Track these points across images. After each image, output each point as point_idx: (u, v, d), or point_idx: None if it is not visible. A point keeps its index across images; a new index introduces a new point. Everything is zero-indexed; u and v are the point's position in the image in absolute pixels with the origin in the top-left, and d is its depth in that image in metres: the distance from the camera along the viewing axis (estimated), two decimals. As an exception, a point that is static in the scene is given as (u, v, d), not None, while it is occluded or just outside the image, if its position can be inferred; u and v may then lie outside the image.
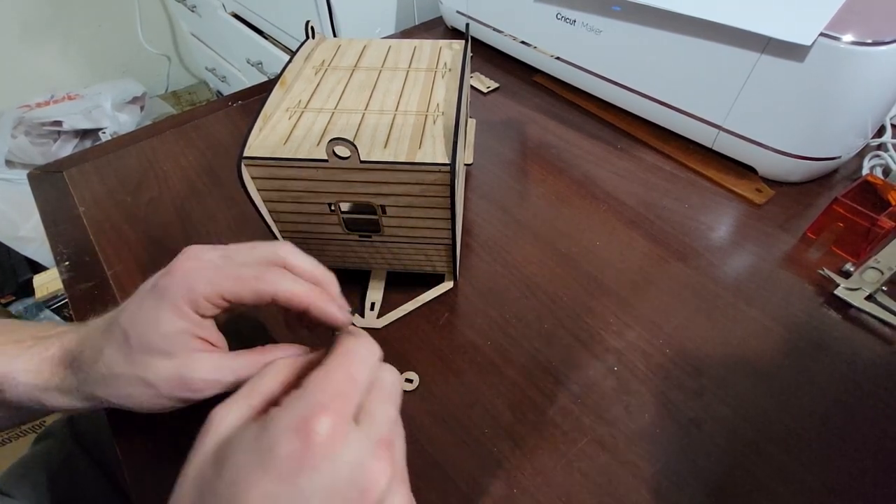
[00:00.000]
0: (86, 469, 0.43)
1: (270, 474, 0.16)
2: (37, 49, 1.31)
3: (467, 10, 0.59)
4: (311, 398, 0.18)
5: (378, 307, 0.36)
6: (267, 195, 0.31)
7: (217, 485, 0.17)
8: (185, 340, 0.23)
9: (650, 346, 0.33)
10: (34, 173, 0.48)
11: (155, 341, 0.23)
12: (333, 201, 0.31)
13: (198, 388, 0.23)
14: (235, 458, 0.17)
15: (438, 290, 0.37)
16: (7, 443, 0.88)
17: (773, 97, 0.39)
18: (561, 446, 0.29)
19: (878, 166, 0.44)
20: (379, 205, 0.31)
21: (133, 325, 0.23)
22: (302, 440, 0.16)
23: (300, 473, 0.16)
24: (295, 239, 0.34)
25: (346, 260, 0.36)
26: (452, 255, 0.34)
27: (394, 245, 0.34)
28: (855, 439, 0.29)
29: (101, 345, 0.24)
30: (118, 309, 0.25)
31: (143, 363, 0.23)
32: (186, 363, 0.23)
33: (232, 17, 1.05)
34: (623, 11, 0.44)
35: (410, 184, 0.29)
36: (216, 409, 0.19)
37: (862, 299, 0.35)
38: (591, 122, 0.51)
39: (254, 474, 0.16)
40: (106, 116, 1.26)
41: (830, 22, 0.34)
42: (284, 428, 0.17)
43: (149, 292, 0.24)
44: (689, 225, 0.41)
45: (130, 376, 0.23)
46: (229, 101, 0.55)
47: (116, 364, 0.23)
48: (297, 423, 0.17)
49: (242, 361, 0.24)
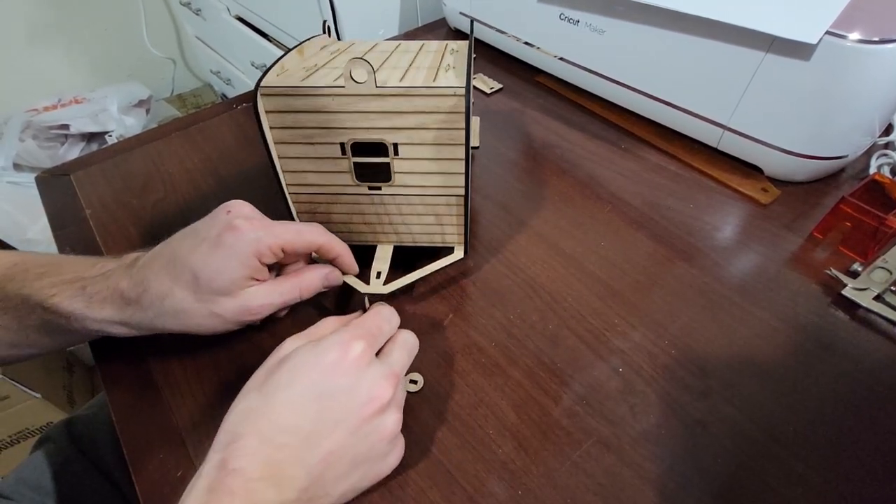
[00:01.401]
0: (84, 472, 0.43)
1: (317, 369, 0.24)
2: (44, 53, 1.33)
3: (470, 12, 0.59)
4: (352, 330, 0.26)
5: (384, 276, 0.35)
6: (279, 135, 0.31)
7: (280, 370, 0.25)
8: (245, 283, 0.29)
9: (655, 346, 0.33)
10: (42, 176, 0.48)
11: (223, 286, 0.28)
12: (346, 139, 0.31)
13: (256, 311, 0.30)
14: (296, 359, 0.25)
15: (448, 260, 0.35)
16: (7, 447, 0.89)
17: (779, 96, 0.39)
18: (566, 447, 0.29)
19: (885, 165, 0.44)
20: (392, 143, 0.31)
21: (204, 270, 0.28)
22: (342, 353, 0.25)
23: (336, 372, 0.24)
24: (302, 197, 0.34)
25: (351, 228, 0.36)
26: (465, 214, 0.34)
27: (404, 201, 0.34)
28: (863, 441, 0.29)
29: (169, 284, 0.28)
30: (169, 252, 0.29)
31: (211, 300, 0.29)
32: (246, 296, 0.29)
33: (236, 21, 1.06)
34: (627, 11, 0.44)
35: (426, 112, 0.29)
36: (286, 339, 0.27)
37: (870, 299, 0.35)
38: (594, 123, 0.51)
39: (306, 367, 0.24)
40: (112, 120, 1.27)
41: (836, 20, 0.34)
42: (332, 343, 0.25)
43: (217, 244, 0.28)
44: (695, 225, 0.41)
45: (202, 310, 0.29)
46: (234, 103, 0.55)
47: (186, 301, 0.28)
48: (340, 341, 0.25)
49: (286, 286, 0.31)
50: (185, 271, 0.28)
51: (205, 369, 0.33)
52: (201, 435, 0.30)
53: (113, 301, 0.29)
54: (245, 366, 0.33)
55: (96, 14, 1.37)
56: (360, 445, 0.25)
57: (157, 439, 0.30)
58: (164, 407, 0.32)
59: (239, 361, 0.33)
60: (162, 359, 0.34)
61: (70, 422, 0.46)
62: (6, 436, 0.88)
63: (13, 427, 0.88)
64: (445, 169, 0.32)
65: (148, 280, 0.29)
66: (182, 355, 0.34)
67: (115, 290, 0.29)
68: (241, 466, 0.22)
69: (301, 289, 0.32)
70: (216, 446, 0.23)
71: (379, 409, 0.25)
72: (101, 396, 0.50)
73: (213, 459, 0.22)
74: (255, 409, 0.24)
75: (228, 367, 0.33)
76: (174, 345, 0.34)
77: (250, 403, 0.24)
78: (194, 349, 0.34)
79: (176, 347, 0.34)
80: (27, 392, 0.85)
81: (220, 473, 0.22)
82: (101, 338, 0.32)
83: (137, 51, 1.47)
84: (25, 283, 0.30)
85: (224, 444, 0.23)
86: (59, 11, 1.30)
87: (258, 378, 0.25)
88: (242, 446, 0.22)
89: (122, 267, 0.30)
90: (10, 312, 0.30)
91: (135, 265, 0.30)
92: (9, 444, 0.89)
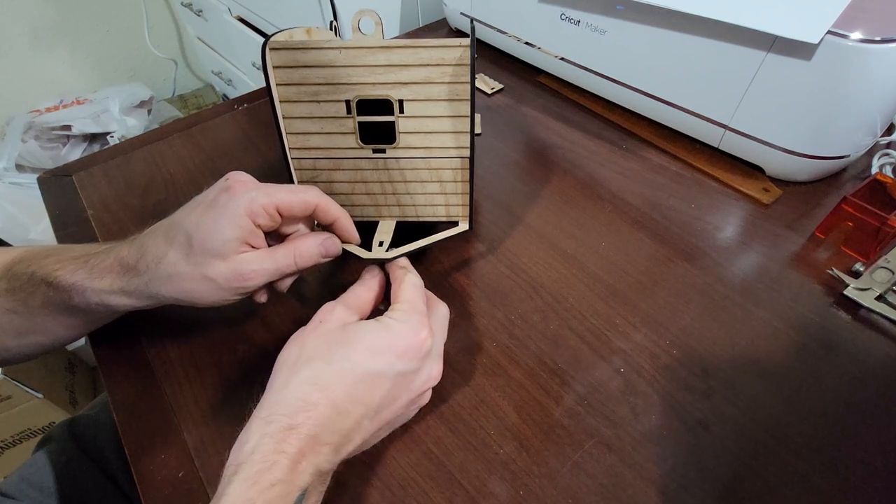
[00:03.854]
0: (87, 472, 0.43)
1: (393, 351, 0.26)
2: (46, 54, 1.33)
3: (471, 12, 0.59)
4: (422, 319, 0.28)
5: (387, 245, 0.34)
6: (285, 92, 0.32)
7: (351, 345, 0.26)
8: (237, 246, 0.28)
9: (657, 347, 0.33)
10: (44, 177, 0.48)
11: (216, 246, 0.28)
12: (352, 96, 0.31)
13: (249, 277, 0.29)
14: (371, 336, 0.26)
15: (453, 231, 0.35)
16: (10, 447, 0.89)
17: (781, 96, 0.38)
18: (567, 448, 0.29)
19: (887, 165, 0.44)
20: (398, 99, 0.31)
21: (196, 231, 0.28)
22: (416, 341, 0.27)
23: (408, 356, 0.26)
24: (305, 162, 0.34)
25: (354, 200, 0.35)
26: (470, 181, 0.33)
27: (408, 166, 0.33)
28: (865, 441, 0.29)
29: (164, 248, 0.28)
30: (170, 220, 0.29)
31: (203, 263, 0.28)
32: (237, 260, 0.28)
33: (238, 21, 1.06)
34: (628, 11, 0.44)
35: (431, 65, 0.30)
36: (325, 305, 0.28)
37: (872, 299, 0.35)
38: (595, 123, 0.51)
39: (381, 346, 0.26)
40: (114, 120, 1.27)
41: (838, 19, 0.34)
42: (408, 331, 0.27)
43: (211, 205, 0.28)
44: (696, 225, 0.41)
45: (194, 273, 0.28)
46: (235, 104, 0.55)
47: (179, 263, 0.28)
48: (415, 331, 0.27)
49: (280, 252, 0.30)
50: (179, 233, 0.28)
51: (207, 370, 0.33)
52: (203, 435, 0.30)
53: (112, 269, 0.29)
54: (246, 366, 0.33)
55: (98, 15, 1.37)
56: (405, 415, 0.29)
57: (158, 439, 0.30)
58: (166, 407, 0.32)
59: (240, 362, 0.34)
60: (164, 359, 0.34)
61: (72, 422, 0.46)
62: (8, 436, 0.88)
63: (16, 427, 0.88)
64: (450, 127, 0.32)
65: (146, 246, 0.29)
66: (184, 356, 0.34)
67: (116, 258, 0.29)
68: (315, 433, 0.23)
69: (296, 255, 0.30)
70: (279, 409, 0.23)
71: (429, 388, 0.29)
72: (103, 397, 0.50)
73: (280, 422, 0.23)
74: (327, 379, 0.25)
75: (230, 367, 0.33)
76: (176, 345, 0.34)
77: (319, 372, 0.25)
78: (196, 349, 0.34)
79: (178, 348, 0.34)
80: (29, 392, 0.85)
81: (290, 436, 0.23)
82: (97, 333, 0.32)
83: (139, 52, 1.47)
84: (32, 262, 0.30)
85: (294, 409, 0.23)
86: (62, 13, 1.31)
87: (317, 346, 0.26)
88: (317, 415, 0.24)
89: (126, 241, 0.30)
90: (17, 293, 0.30)
91: (138, 238, 0.30)
92: (11, 444, 0.89)
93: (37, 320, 0.31)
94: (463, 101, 0.31)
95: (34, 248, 0.32)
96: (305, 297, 0.37)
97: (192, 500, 0.28)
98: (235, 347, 0.34)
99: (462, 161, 0.33)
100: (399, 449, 0.30)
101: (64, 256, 0.30)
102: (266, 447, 0.22)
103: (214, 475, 0.29)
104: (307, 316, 0.27)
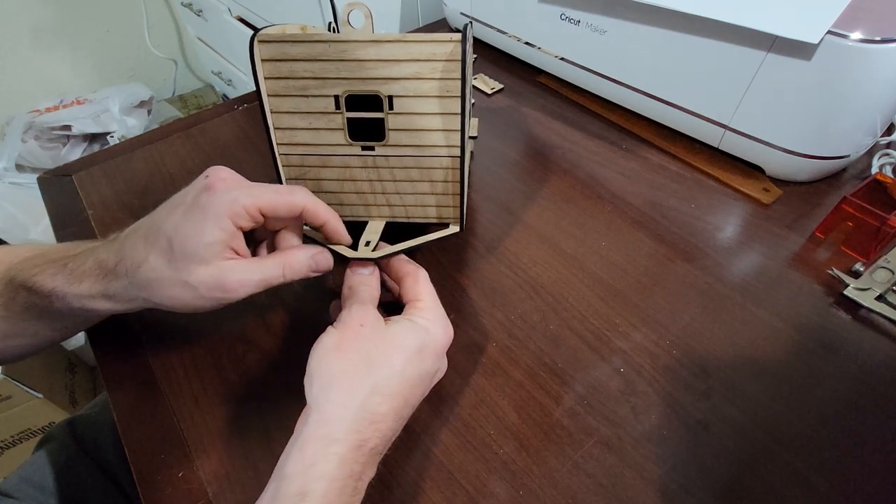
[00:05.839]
0: (87, 472, 0.43)
1: (436, 353, 0.28)
2: (46, 54, 1.33)
3: (471, 12, 0.59)
4: (446, 318, 0.29)
5: (374, 245, 0.33)
6: (273, 86, 0.31)
7: (405, 351, 0.26)
8: (220, 250, 0.27)
9: (657, 347, 0.33)
10: (44, 177, 0.48)
11: (197, 250, 0.26)
12: (341, 91, 0.30)
13: (232, 287, 0.27)
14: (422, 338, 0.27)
15: (444, 233, 0.34)
16: (10, 447, 0.89)
17: (781, 96, 0.38)
18: (567, 448, 0.29)
19: (887, 165, 0.44)
20: (387, 95, 0.30)
21: (177, 234, 0.26)
22: (447, 340, 0.29)
23: (440, 354, 0.28)
24: (293, 159, 0.33)
25: (342, 200, 0.34)
26: (461, 181, 0.33)
27: (397, 164, 0.32)
28: (865, 441, 0.29)
29: (144, 252, 0.27)
30: (150, 221, 0.28)
31: (185, 269, 0.26)
32: (222, 268, 0.27)
33: (237, 21, 1.06)
34: (628, 11, 0.44)
35: (422, 60, 0.29)
36: (354, 307, 0.27)
37: (872, 299, 0.35)
38: (595, 123, 0.51)
39: (428, 350, 0.27)
40: (114, 120, 1.27)
41: (838, 19, 0.34)
42: (443, 332, 0.28)
43: (191, 207, 0.27)
44: (696, 225, 0.41)
45: (174, 279, 0.27)
46: (235, 104, 0.55)
47: (160, 268, 0.27)
48: (447, 332, 0.29)
49: (268, 263, 0.28)
50: (160, 237, 0.27)
51: (207, 371, 0.33)
52: (203, 436, 0.30)
53: (91, 273, 0.28)
54: (247, 367, 0.33)
55: (98, 15, 1.37)
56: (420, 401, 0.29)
57: (158, 440, 0.30)
58: (166, 408, 0.32)
59: (241, 363, 0.34)
60: (164, 360, 0.34)
61: (72, 422, 0.47)
62: (8, 436, 0.88)
63: (15, 427, 0.88)
64: (441, 126, 0.31)
65: (124, 249, 0.28)
66: (184, 357, 0.34)
67: (95, 261, 0.28)
68: (375, 445, 0.24)
69: (285, 267, 0.28)
70: (346, 424, 0.23)
71: (444, 347, 0.29)
72: (104, 397, 0.50)
73: (348, 441, 0.23)
74: (394, 389, 0.25)
75: (230, 368, 0.33)
76: (176, 346, 0.34)
77: (386, 381, 0.25)
78: (196, 350, 0.34)
79: (178, 348, 0.34)
80: (29, 392, 0.85)
81: (358, 455, 0.23)
82: (97, 334, 0.32)
83: (139, 52, 1.47)
84: (12, 266, 0.30)
85: (363, 424, 0.23)
86: (62, 13, 1.31)
87: (373, 352, 0.25)
88: (384, 427, 0.24)
89: (105, 242, 0.30)
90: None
91: (117, 238, 0.29)
92: (11, 444, 0.89)
93: (21, 324, 0.31)
94: (453, 97, 0.30)
95: (15, 248, 0.32)
96: (305, 297, 0.37)
97: (192, 500, 0.28)
98: (235, 348, 0.34)
99: (452, 160, 0.32)
100: (398, 449, 0.29)
101: (43, 260, 0.29)
102: (335, 472, 0.22)
103: (214, 475, 0.29)
104: (307, 316, 0.27)
